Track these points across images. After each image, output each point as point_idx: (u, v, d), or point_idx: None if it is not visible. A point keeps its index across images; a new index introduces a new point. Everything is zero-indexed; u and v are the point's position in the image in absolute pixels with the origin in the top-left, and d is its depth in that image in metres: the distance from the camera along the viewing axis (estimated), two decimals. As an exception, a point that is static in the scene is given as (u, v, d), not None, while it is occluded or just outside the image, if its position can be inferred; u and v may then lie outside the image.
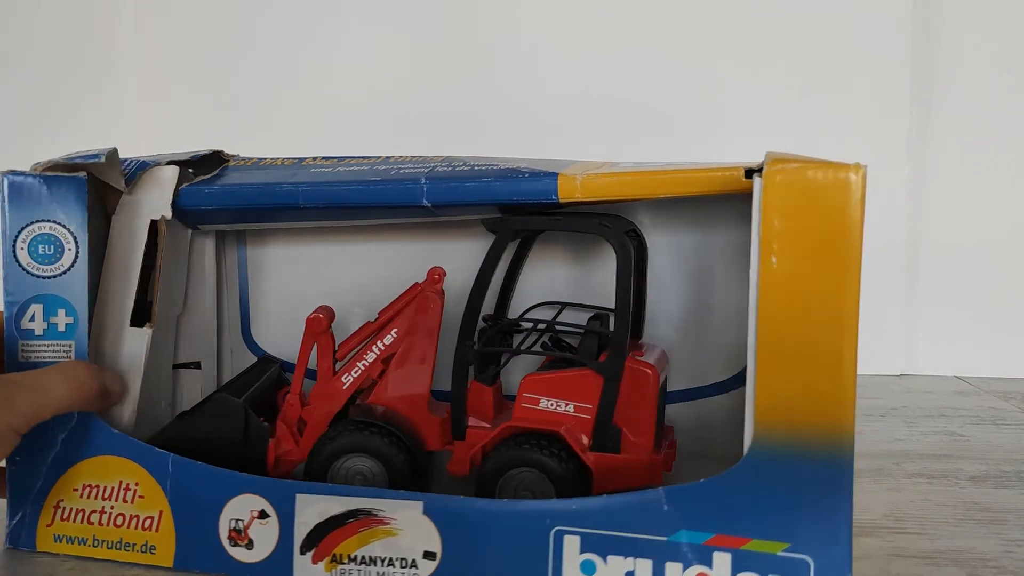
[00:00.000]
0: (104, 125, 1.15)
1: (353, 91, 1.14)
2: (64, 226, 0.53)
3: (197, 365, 0.71)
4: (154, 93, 1.16)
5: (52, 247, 0.53)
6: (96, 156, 0.55)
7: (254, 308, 0.75)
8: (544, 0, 1.11)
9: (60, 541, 0.55)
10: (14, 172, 0.54)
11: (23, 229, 0.53)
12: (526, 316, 0.64)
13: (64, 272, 0.54)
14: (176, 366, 0.69)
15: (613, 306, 0.54)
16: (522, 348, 0.60)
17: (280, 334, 0.74)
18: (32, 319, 0.53)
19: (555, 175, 0.53)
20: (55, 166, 0.55)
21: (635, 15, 1.10)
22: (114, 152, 0.57)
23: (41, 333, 0.54)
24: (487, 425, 0.58)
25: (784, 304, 0.41)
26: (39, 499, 0.55)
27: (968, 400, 0.97)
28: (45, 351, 0.54)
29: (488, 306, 0.63)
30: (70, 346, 0.55)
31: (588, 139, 1.09)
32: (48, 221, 0.53)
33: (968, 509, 0.63)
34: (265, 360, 0.70)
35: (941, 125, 1.07)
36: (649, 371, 0.55)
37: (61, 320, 0.54)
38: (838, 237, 0.40)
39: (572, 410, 0.55)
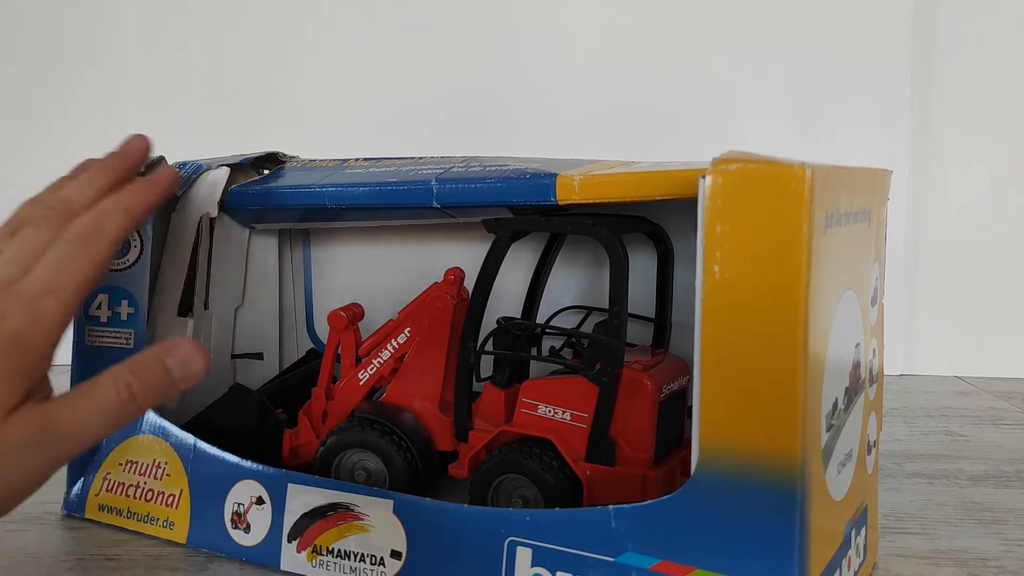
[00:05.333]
0: (103, 123, 1.15)
1: (355, 90, 1.14)
2: None
3: (260, 356, 0.75)
4: (154, 92, 1.15)
5: (120, 243, 0.59)
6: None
7: (318, 303, 0.78)
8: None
9: (103, 511, 0.60)
10: None
11: None
12: (551, 322, 0.63)
13: (129, 267, 0.59)
14: (235, 356, 0.74)
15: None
16: (531, 354, 0.59)
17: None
18: (99, 307, 0.59)
19: (554, 176, 0.52)
20: None
21: (635, 11, 1.09)
22: (159, 159, 0.62)
23: (106, 320, 0.60)
24: (489, 429, 0.57)
25: (727, 318, 0.37)
26: (94, 470, 0.61)
27: (968, 400, 0.96)
28: (107, 337, 0.60)
29: (515, 309, 0.63)
30: (130, 333, 0.60)
31: (589, 137, 1.08)
32: None
33: (968, 509, 0.63)
34: (313, 353, 0.73)
35: (941, 125, 1.06)
36: (648, 382, 0.52)
37: (124, 310, 0.59)
38: (783, 244, 0.36)
39: (569, 418, 0.54)
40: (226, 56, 1.15)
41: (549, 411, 0.54)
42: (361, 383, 0.61)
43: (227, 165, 0.66)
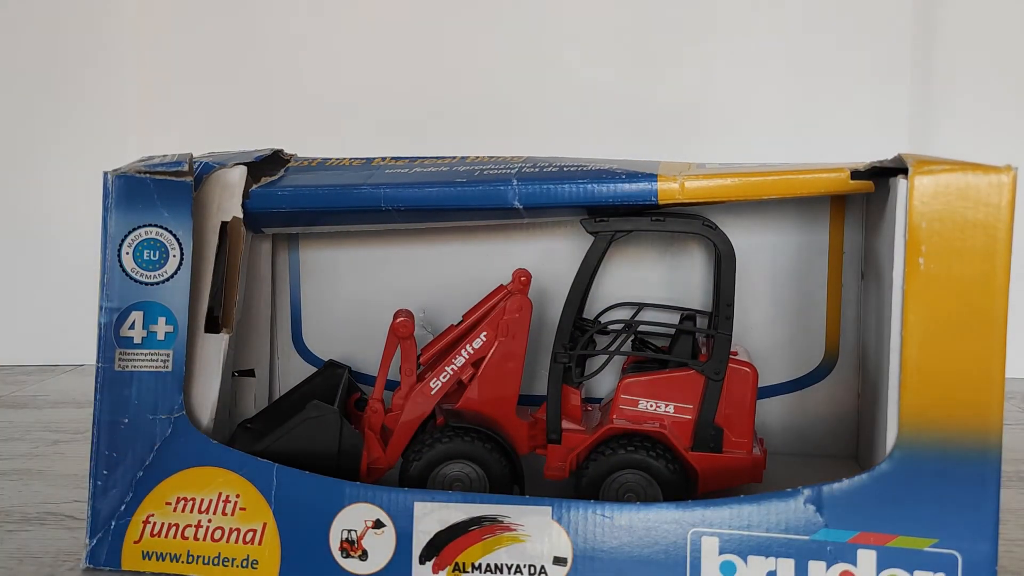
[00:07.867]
0: (103, 121, 1.11)
1: (355, 89, 1.11)
2: (171, 231, 0.51)
3: (251, 373, 0.69)
4: (155, 91, 1.11)
5: (157, 252, 0.51)
6: (179, 164, 0.53)
7: (305, 312, 0.73)
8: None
9: (149, 558, 0.53)
10: (124, 174, 0.51)
11: (130, 233, 0.51)
12: (601, 317, 0.64)
13: (168, 279, 0.52)
14: (236, 373, 0.67)
15: (678, 305, 0.60)
16: (610, 350, 0.60)
17: (331, 339, 0.72)
18: (132, 327, 0.51)
19: (654, 176, 0.54)
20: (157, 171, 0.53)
21: (631, 10, 1.10)
22: (191, 158, 0.55)
23: (140, 342, 0.52)
24: (580, 428, 0.57)
25: (931, 305, 0.42)
26: (127, 514, 0.53)
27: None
28: (142, 360, 0.52)
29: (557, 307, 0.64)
30: (168, 355, 0.53)
31: (586, 138, 1.09)
32: (155, 226, 0.51)
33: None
34: (332, 364, 0.68)
35: (941, 126, 1.09)
36: (748, 370, 0.56)
37: (161, 328, 0.52)
38: (987, 239, 0.41)
39: (672, 411, 0.55)
40: (220, 54, 1.12)
41: (651, 405, 0.56)
42: (433, 392, 0.58)
43: (243, 164, 0.60)
